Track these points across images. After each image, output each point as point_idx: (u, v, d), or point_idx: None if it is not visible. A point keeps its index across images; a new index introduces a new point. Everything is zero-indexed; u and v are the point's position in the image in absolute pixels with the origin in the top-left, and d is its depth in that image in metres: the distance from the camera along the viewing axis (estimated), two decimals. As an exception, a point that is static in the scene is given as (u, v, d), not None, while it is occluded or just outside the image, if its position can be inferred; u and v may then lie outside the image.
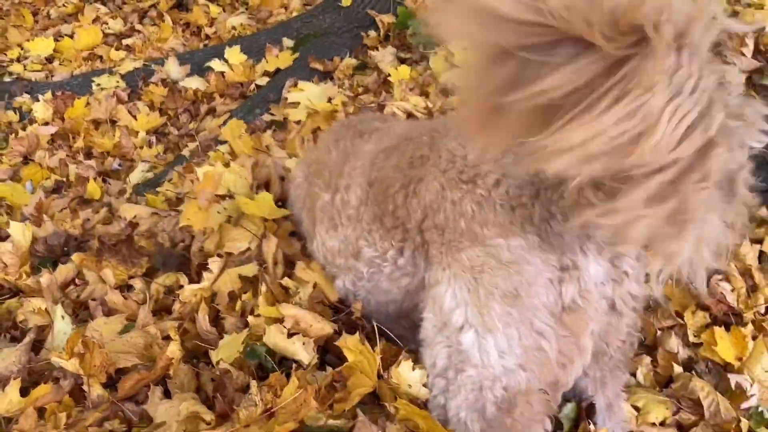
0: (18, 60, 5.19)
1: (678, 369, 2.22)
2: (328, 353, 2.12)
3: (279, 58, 4.51)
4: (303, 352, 2.18)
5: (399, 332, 2.08)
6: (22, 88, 4.79)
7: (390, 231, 1.94)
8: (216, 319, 2.43)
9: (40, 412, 2.16)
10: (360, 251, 2.05)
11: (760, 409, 2.11)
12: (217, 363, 2.24)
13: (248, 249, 2.59)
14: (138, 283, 2.66)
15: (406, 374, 1.95)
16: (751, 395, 2.13)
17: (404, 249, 1.92)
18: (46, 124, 4.45)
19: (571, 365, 1.69)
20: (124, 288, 2.66)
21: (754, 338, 2.22)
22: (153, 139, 4.25)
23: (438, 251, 1.77)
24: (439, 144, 1.84)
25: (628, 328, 1.83)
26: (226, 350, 2.26)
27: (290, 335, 2.21)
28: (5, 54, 5.30)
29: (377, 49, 4.30)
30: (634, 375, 2.21)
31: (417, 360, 1.92)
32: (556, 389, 1.73)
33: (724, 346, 2.20)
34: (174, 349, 2.27)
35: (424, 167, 1.85)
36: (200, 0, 5.51)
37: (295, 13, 5.07)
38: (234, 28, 5.11)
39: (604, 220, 1.35)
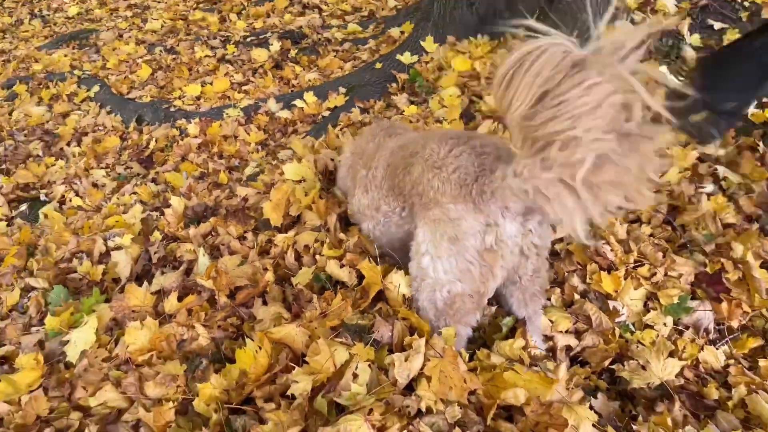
0: (179, 98, 5.20)
1: (577, 297, 2.22)
2: (363, 278, 2.15)
3: (336, 99, 4.46)
4: (347, 276, 2.21)
5: (400, 257, 2.12)
6: (181, 115, 4.81)
7: (398, 196, 1.99)
8: (297, 258, 2.45)
9: (189, 311, 2.19)
10: (379, 207, 2.10)
11: (626, 322, 2.12)
12: (296, 284, 2.26)
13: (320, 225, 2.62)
14: (250, 236, 2.68)
15: (397, 279, 2.02)
16: (622, 314, 2.13)
17: (405, 207, 1.97)
18: (195, 137, 4.43)
19: (488, 282, 1.77)
20: (241, 238, 2.69)
21: (625, 279, 2.23)
22: (259, 147, 4.25)
23: (418, 209, 1.87)
24: (426, 145, 1.87)
25: (533, 266, 1.86)
26: (302, 277, 2.28)
27: (341, 266, 2.25)
28: (171, 94, 5.32)
29: (397, 95, 4.27)
30: (549, 299, 2.21)
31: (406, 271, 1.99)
32: (480, 296, 1.79)
33: (607, 283, 2.19)
34: (270, 276, 2.30)
35: (415, 158, 1.89)
36: (289, 63, 5.49)
37: (347, 72, 5.03)
38: (310, 80, 5.07)
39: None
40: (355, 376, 1.70)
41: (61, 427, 1.85)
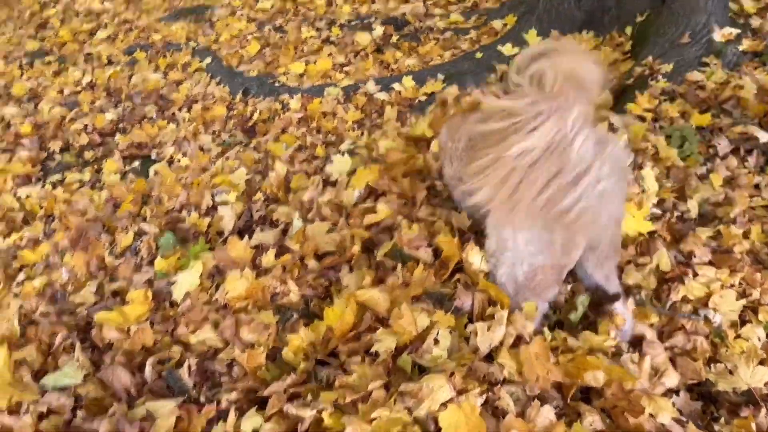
0: (283, 74, 5.37)
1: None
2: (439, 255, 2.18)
3: (434, 85, 4.50)
4: (424, 255, 2.21)
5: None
6: (284, 90, 4.97)
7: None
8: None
9: (283, 268, 2.29)
10: (462, 177, 2.06)
11: (720, 328, 2.04)
12: (377, 255, 2.30)
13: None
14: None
15: (474, 256, 2.00)
16: (715, 322, 2.06)
17: None
18: (296, 112, 4.57)
19: (570, 254, 1.72)
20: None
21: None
22: (355, 126, 4.33)
23: None
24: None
25: (612, 233, 1.85)
26: (383, 250, 2.30)
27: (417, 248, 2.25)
28: (277, 70, 5.50)
29: (495, 85, 4.25)
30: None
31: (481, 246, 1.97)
32: (562, 268, 1.75)
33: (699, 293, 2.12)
34: (357, 245, 2.36)
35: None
36: (391, 48, 5.55)
37: (446, 60, 5.05)
38: (409, 66, 5.12)
39: None
40: (436, 341, 1.74)
41: (163, 358, 2.01)
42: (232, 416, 1.66)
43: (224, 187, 3.07)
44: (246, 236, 2.49)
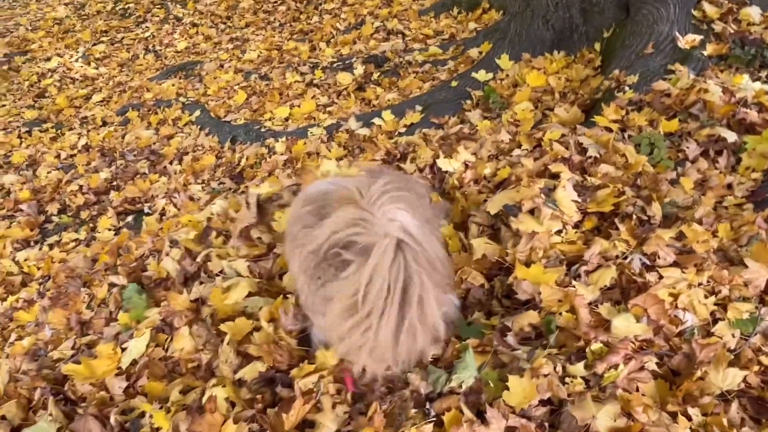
0: (269, 119, 5.48)
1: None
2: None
3: (413, 116, 4.55)
4: None
5: None
6: (270, 134, 5.05)
7: None
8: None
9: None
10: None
11: (692, 329, 2.01)
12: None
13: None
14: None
15: None
16: (686, 321, 2.04)
17: None
18: (282, 154, 4.66)
19: None
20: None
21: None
22: (338, 163, 4.38)
23: None
24: None
25: None
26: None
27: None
28: (263, 116, 5.61)
29: (471, 111, 4.29)
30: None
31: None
32: None
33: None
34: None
35: None
36: (372, 85, 5.64)
37: (425, 91, 5.11)
38: (389, 100, 5.20)
39: None
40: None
41: (126, 408, 2.02)
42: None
43: (185, 229, 3.03)
44: (185, 290, 2.48)
